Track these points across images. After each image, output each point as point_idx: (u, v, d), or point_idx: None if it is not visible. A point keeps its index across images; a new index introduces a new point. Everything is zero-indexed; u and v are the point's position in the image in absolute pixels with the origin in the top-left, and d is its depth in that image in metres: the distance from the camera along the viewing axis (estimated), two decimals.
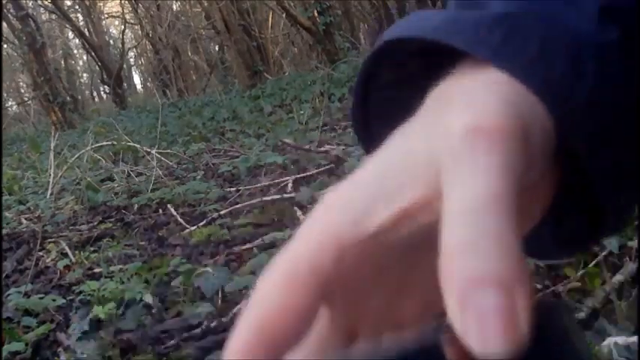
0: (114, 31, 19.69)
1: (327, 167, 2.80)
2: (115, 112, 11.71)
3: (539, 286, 1.19)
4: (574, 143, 0.19)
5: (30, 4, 13.70)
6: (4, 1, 10.50)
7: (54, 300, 1.61)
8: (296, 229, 0.17)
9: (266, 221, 2.11)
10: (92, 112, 12.64)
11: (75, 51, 20.25)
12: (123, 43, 15.59)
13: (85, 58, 19.97)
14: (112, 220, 2.62)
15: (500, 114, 0.17)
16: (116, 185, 3.33)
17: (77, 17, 16.33)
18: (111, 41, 18.11)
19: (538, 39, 0.19)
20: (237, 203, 2.39)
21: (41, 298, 1.63)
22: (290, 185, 2.60)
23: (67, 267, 1.99)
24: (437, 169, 0.16)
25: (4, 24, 11.93)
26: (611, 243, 1.24)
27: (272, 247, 1.69)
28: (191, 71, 14.29)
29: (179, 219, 2.32)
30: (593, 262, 1.21)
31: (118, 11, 16.42)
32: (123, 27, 16.00)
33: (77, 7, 16.12)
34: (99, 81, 16.85)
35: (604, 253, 1.23)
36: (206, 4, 10.93)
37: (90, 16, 15.04)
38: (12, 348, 1.38)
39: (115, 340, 1.35)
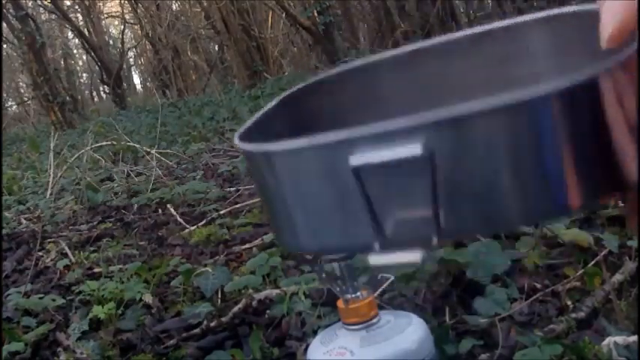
0: (113, 31, 19.67)
1: None
2: (114, 112, 11.70)
3: (538, 286, 1.19)
4: None
5: (29, 4, 13.69)
6: (3, 1, 10.48)
7: (54, 300, 1.61)
8: None
9: (266, 221, 2.11)
10: (92, 112, 12.64)
11: (74, 51, 20.24)
12: (122, 43, 15.60)
13: (84, 58, 19.94)
14: (112, 220, 2.62)
15: None
16: (116, 185, 3.33)
17: (77, 17, 16.32)
18: (110, 41, 18.10)
19: None
20: (237, 203, 2.39)
21: (41, 298, 1.62)
22: None
23: (67, 267, 1.98)
24: None
25: (4, 24, 11.92)
26: (611, 242, 1.24)
27: (272, 247, 1.69)
28: (191, 71, 14.27)
29: (179, 219, 2.32)
30: (593, 262, 1.21)
31: (117, 11, 16.41)
32: (122, 27, 16.00)
33: (77, 7, 16.11)
34: (99, 81, 16.84)
35: (604, 253, 1.23)
36: (206, 4, 10.92)
37: (89, 16, 15.03)
38: (12, 348, 1.37)
39: (115, 340, 1.35)
